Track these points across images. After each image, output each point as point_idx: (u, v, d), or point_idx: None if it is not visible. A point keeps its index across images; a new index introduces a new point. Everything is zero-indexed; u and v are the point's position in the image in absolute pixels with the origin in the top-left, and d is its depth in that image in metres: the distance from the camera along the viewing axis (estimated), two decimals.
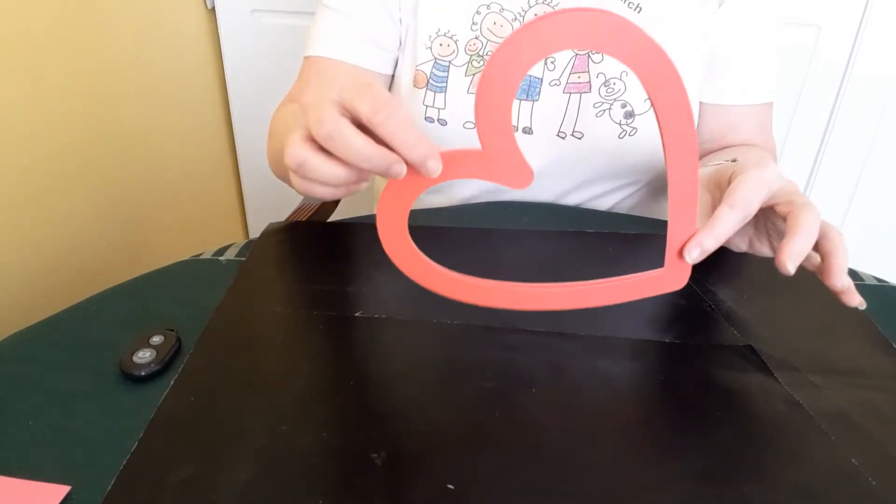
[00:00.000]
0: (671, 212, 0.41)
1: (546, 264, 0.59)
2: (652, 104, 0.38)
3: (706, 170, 0.52)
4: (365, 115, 0.35)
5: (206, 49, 1.27)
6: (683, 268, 0.43)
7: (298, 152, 0.37)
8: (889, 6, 1.17)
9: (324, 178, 0.38)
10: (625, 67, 0.64)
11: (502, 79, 0.35)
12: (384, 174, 0.36)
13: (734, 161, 0.55)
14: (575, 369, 0.45)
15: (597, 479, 0.38)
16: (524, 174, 0.38)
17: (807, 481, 0.38)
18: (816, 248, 0.44)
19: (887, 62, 1.22)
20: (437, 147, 0.36)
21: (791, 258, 0.42)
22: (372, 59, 0.71)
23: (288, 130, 0.59)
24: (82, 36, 0.97)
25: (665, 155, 0.39)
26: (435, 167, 0.36)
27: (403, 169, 0.36)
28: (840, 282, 0.43)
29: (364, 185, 0.39)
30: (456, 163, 0.37)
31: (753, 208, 0.43)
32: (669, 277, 0.44)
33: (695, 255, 0.42)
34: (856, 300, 0.44)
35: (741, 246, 0.49)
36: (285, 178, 0.64)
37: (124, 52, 1.05)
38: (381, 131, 0.35)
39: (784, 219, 0.44)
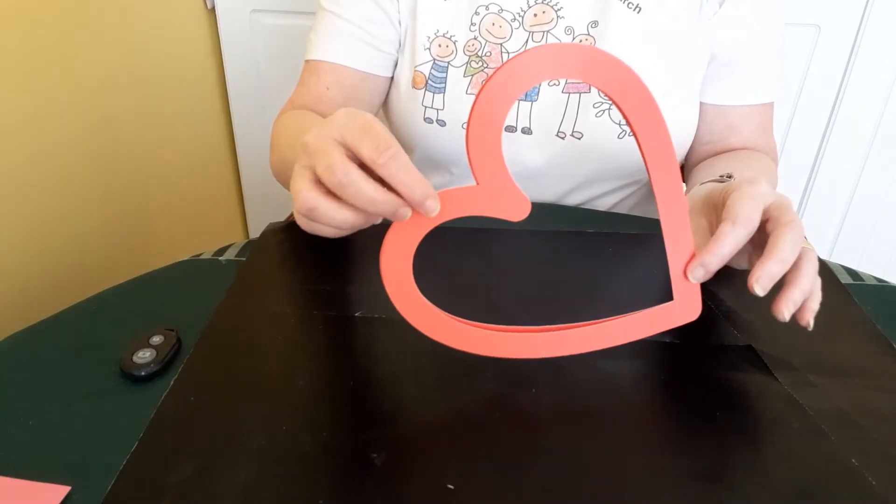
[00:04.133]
0: (667, 241, 0.42)
1: (546, 264, 0.59)
2: (633, 131, 0.39)
3: (699, 192, 0.52)
4: (367, 156, 0.37)
5: (206, 49, 1.27)
6: (694, 297, 0.43)
7: (308, 197, 0.39)
8: (889, 6, 1.17)
9: (334, 222, 0.39)
10: None
11: (490, 114, 0.37)
12: (391, 217, 0.38)
13: (729, 176, 0.55)
14: (575, 369, 0.45)
15: (597, 478, 0.38)
16: (521, 206, 0.39)
17: (807, 481, 0.38)
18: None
19: (887, 62, 1.22)
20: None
21: (760, 281, 0.41)
22: (371, 63, 0.71)
23: (291, 148, 0.58)
24: (82, 36, 0.97)
25: (651, 179, 0.40)
26: (433, 206, 0.37)
27: (409, 212, 0.38)
28: (780, 314, 0.42)
29: (368, 225, 0.41)
30: (454, 201, 0.38)
31: (755, 223, 0.42)
32: (681, 309, 0.44)
33: (698, 274, 0.42)
34: (804, 319, 0.43)
35: (742, 264, 0.48)
36: (287, 180, 0.64)
37: (124, 52, 1.05)
38: (383, 172, 0.37)
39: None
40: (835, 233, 1.40)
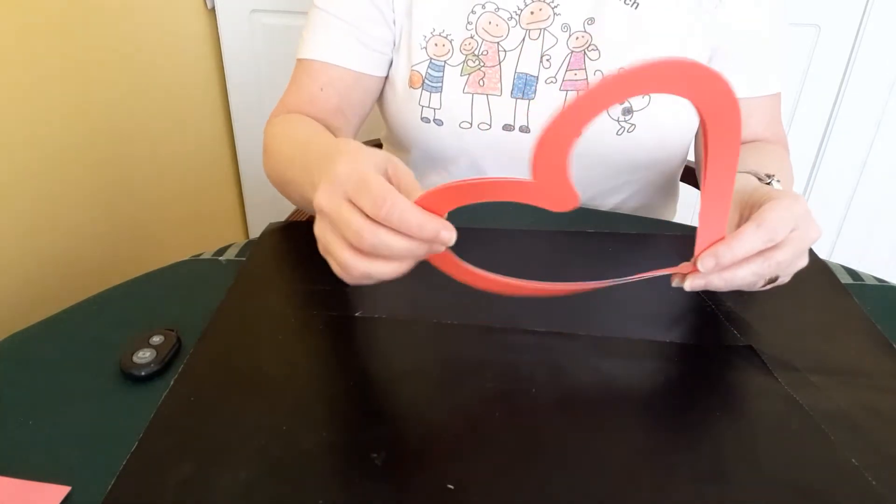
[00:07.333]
0: (702, 222, 0.42)
1: (546, 264, 0.59)
2: (704, 131, 0.38)
3: (738, 182, 0.51)
4: (369, 213, 0.38)
5: (206, 49, 1.27)
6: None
7: (358, 266, 0.40)
8: (889, 6, 1.17)
9: (392, 276, 0.41)
10: (622, 63, 0.63)
11: (567, 128, 0.37)
12: (433, 252, 0.40)
13: (772, 176, 0.54)
14: (575, 369, 0.45)
15: (597, 478, 0.38)
16: (571, 200, 0.40)
17: (807, 481, 0.38)
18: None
19: (887, 62, 1.22)
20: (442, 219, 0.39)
21: (703, 261, 0.42)
22: (364, 62, 0.70)
23: (290, 164, 0.58)
24: (82, 36, 0.97)
25: (706, 170, 0.40)
26: (448, 237, 0.38)
27: (443, 246, 0.39)
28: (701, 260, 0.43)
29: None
30: (503, 190, 0.39)
31: (779, 236, 0.42)
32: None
33: (708, 265, 0.42)
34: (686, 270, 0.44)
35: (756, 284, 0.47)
36: (286, 193, 0.64)
37: (124, 52, 1.05)
38: (387, 225, 0.38)
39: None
40: (835, 233, 1.40)
